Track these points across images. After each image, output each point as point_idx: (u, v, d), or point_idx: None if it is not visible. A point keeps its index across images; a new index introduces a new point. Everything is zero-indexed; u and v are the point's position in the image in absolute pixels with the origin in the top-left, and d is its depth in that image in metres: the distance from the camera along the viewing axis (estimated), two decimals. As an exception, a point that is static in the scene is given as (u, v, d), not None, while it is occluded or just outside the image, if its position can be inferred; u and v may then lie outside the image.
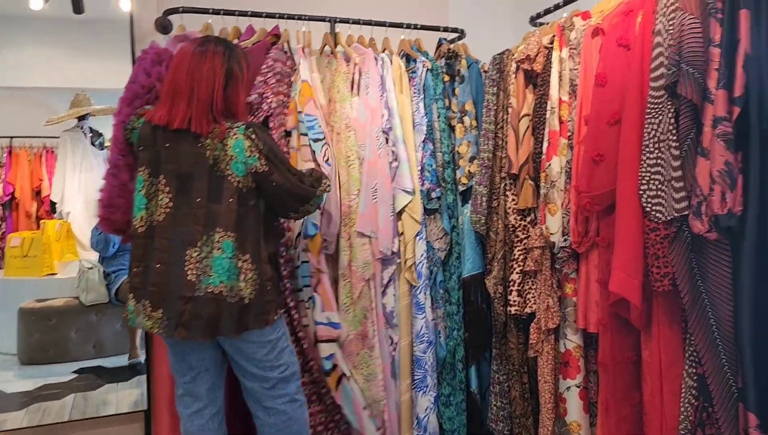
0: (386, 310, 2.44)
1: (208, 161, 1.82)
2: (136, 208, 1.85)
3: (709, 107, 1.59)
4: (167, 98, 1.84)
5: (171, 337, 1.78)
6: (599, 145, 1.92)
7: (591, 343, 2.11)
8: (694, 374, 1.71)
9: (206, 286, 1.76)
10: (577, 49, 2.11)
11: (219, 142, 1.81)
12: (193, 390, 1.94)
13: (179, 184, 1.82)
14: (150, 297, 1.78)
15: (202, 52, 1.85)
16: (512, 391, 2.41)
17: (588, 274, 2.05)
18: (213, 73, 1.83)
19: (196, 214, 1.80)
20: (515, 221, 2.33)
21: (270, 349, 1.92)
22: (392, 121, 2.44)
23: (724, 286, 1.64)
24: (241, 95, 1.92)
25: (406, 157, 2.43)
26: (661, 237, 1.73)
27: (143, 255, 1.82)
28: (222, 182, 1.82)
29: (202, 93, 1.81)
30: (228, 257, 1.79)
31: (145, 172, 1.85)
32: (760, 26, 1.58)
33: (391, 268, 2.44)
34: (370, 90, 2.43)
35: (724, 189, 1.56)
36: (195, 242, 1.79)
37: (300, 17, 2.51)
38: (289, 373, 1.98)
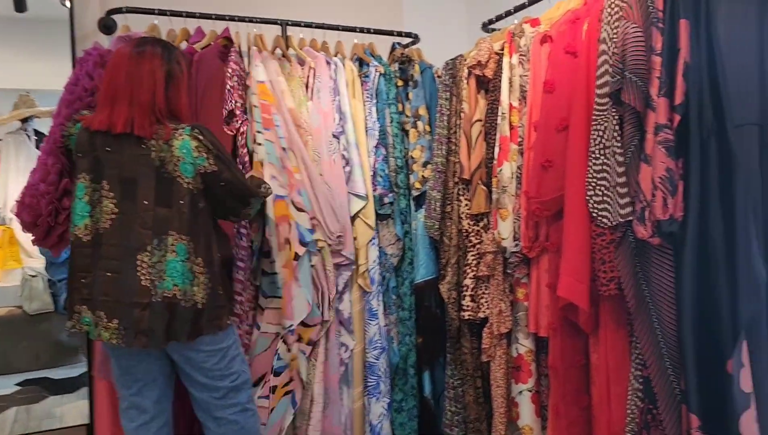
0: (343, 316, 2.41)
1: (153, 163, 1.77)
2: (78, 217, 1.78)
3: (652, 114, 1.61)
4: (107, 101, 1.78)
5: (130, 346, 1.74)
6: (548, 151, 1.93)
7: (542, 347, 2.12)
8: (640, 377, 1.74)
9: (161, 291, 1.73)
10: (526, 56, 2.13)
11: (164, 144, 1.77)
12: (139, 403, 1.88)
13: (123, 188, 1.77)
14: (102, 307, 1.73)
15: (139, 54, 1.80)
16: (466, 396, 2.41)
17: (539, 279, 2.06)
18: (152, 74, 1.78)
19: (144, 219, 1.76)
20: (468, 226, 2.34)
21: (221, 357, 1.87)
22: (345, 125, 2.43)
23: (667, 291, 1.67)
24: (182, 97, 1.87)
25: (358, 162, 2.42)
26: (607, 242, 1.75)
27: (91, 264, 1.76)
28: (171, 184, 1.78)
29: (142, 95, 1.76)
30: (182, 260, 1.75)
31: (86, 178, 1.79)
32: (698, 36, 1.61)
33: (347, 274, 2.42)
34: (322, 94, 2.41)
35: (666, 195, 1.59)
36: (145, 247, 1.74)
37: (251, 20, 2.47)
38: (240, 382, 1.93)
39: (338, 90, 2.45)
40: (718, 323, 1.59)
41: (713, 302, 1.60)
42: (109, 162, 1.78)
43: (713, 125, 1.60)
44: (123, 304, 1.72)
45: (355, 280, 2.47)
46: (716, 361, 1.59)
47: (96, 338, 1.76)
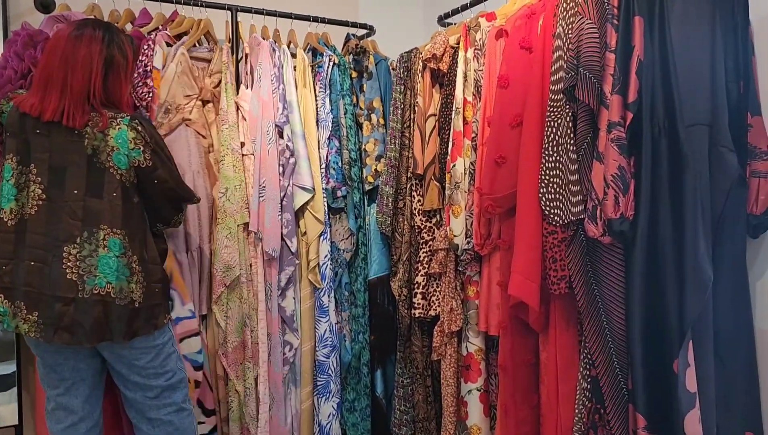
0: (286, 313, 2.34)
1: (86, 151, 1.68)
2: (4, 199, 1.68)
3: (605, 112, 1.60)
4: (39, 86, 1.68)
5: (50, 341, 1.64)
6: (501, 147, 1.90)
7: (492, 346, 2.10)
8: (588, 376, 1.73)
9: (91, 287, 1.64)
10: (482, 50, 2.09)
11: (99, 133, 1.68)
12: (66, 403, 1.78)
13: (52, 175, 1.67)
14: (24, 298, 1.63)
15: (77, 37, 1.68)
16: (416, 395, 2.38)
17: (490, 277, 2.04)
18: (90, 60, 1.67)
19: (72, 208, 1.66)
20: (421, 222, 2.29)
21: (155, 354, 1.79)
22: (291, 115, 2.34)
23: (616, 290, 1.66)
24: (123, 85, 1.77)
25: (305, 154, 2.34)
26: (558, 240, 1.73)
27: (14, 251, 1.66)
28: (103, 175, 1.69)
29: (76, 82, 1.66)
30: (116, 256, 1.67)
31: (14, 160, 1.68)
32: (652, 34, 1.61)
33: (289, 270, 2.33)
34: (263, 82, 2.31)
35: (618, 193, 1.57)
36: (73, 238, 1.65)
37: (200, 3, 2.36)
38: (175, 380, 1.85)
39: (283, 78, 2.37)
40: (665, 323, 1.59)
41: (661, 302, 1.60)
42: (38, 145, 1.67)
43: (665, 124, 1.60)
44: (45, 296, 1.63)
45: (305, 275, 2.40)
46: (663, 360, 1.59)
47: (12, 330, 1.66)
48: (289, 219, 2.32)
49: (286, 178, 2.31)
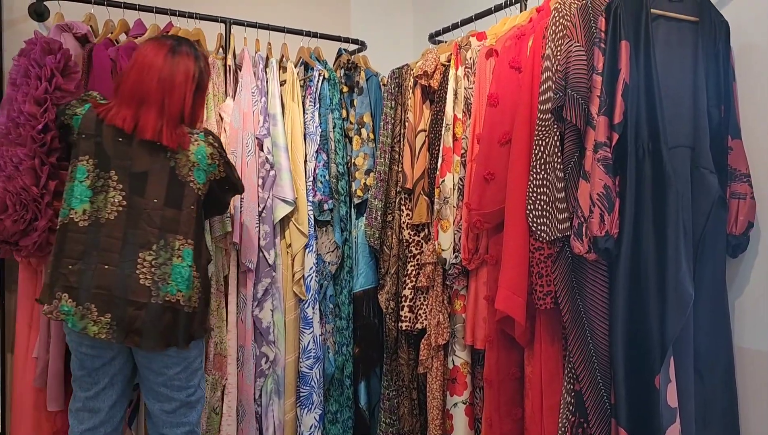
0: (262, 325, 2.33)
1: (168, 164, 1.77)
2: (76, 200, 1.71)
3: (591, 132, 1.64)
4: (132, 101, 1.74)
5: (121, 343, 1.69)
6: (490, 164, 1.94)
7: (478, 360, 2.12)
8: (572, 390, 1.76)
9: (164, 294, 1.71)
10: (472, 69, 2.14)
11: (182, 148, 1.78)
12: (93, 406, 1.79)
13: (133, 182, 1.74)
14: (95, 300, 1.67)
15: (173, 56, 1.79)
16: (401, 408, 2.39)
17: (477, 291, 2.07)
18: (185, 82, 1.79)
19: (151, 216, 1.74)
20: (409, 236, 2.32)
21: (185, 366, 1.81)
22: (273, 128, 2.36)
23: (600, 306, 1.70)
24: (204, 103, 1.93)
25: (287, 166, 2.35)
26: (545, 256, 1.77)
27: (83, 252, 1.69)
28: (183, 188, 1.78)
29: (174, 104, 1.78)
30: (188, 266, 1.76)
31: (90, 162, 1.74)
32: (638, 58, 1.66)
33: (266, 281, 2.33)
34: (243, 94, 2.32)
35: (603, 211, 1.62)
36: (149, 245, 1.72)
37: (194, 15, 2.39)
38: (195, 399, 1.87)
39: (266, 91, 2.39)
40: (647, 339, 1.63)
41: (643, 318, 1.64)
42: (119, 153, 1.74)
43: (649, 145, 1.65)
44: (117, 299, 1.68)
45: (290, 287, 2.41)
46: (645, 375, 1.63)
47: (79, 330, 1.67)
48: (268, 231, 2.32)
49: (265, 191, 2.32)
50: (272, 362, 2.36)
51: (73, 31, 2.09)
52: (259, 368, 2.34)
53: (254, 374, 2.32)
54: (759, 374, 1.75)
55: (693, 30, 1.76)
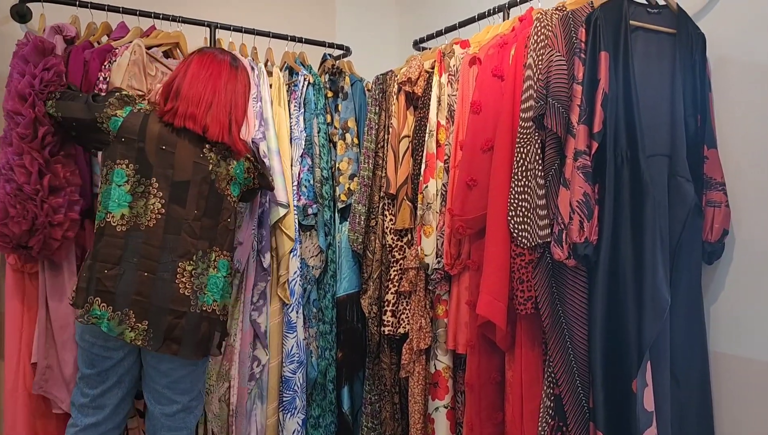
0: (260, 329, 2.34)
1: (210, 176, 1.80)
2: (114, 204, 1.72)
3: (572, 140, 1.67)
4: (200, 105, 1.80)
5: (157, 350, 1.70)
6: (473, 171, 1.97)
7: (460, 364, 2.14)
8: (552, 394, 1.78)
9: (201, 304, 1.76)
10: (455, 76, 2.16)
11: (222, 160, 1.83)
12: (100, 402, 1.80)
13: (174, 192, 1.76)
14: (134, 306, 1.68)
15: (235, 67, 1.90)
16: (383, 412, 2.40)
17: (459, 296, 2.09)
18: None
19: (192, 227, 1.76)
20: (392, 241, 2.34)
21: (191, 370, 1.83)
22: (267, 132, 2.37)
23: (579, 311, 1.73)
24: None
25: (280, 170, 2.36)
26: (525, 262, 1.79)
27: (120, 257, 1.69)
28: (222, 201, 1.83)
29: (239, 112, 1.87)
30: (223, 276, 1.82)
31: (130, 167, 1.75)
32: (617, 68, 1.70)
33: (262, 285, 2.34)
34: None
35: (583, 218, 1.65)
36: (190, 256, 1.74)
37: (177, 19, 2.38)
38: (195, 404, 1.89)
39: (260, 96, 2.40)
40: (625, 344, 1.66)
41: (621, 323, 1.67)
42: (162, 161, 1.76)
43: (627, 154, 1.68)
44: (155, 308, 1.69)
45: (275, 291, 2.41)
46: (622, 380, 1.66)
47: (116, 335, 1.68)
48: (264, 234, 2.33)
49: (264, 194, 2.33)
50: (263, 365, 2.37)
51: (63, 34, 2.08)
52: (251, 371, 2.35)
53: (248, 377, 2.34)
54: (733, 378, 1.79)
55: (671, 42, 1.80)
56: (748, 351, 1.76)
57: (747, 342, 1.76)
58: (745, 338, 1.77)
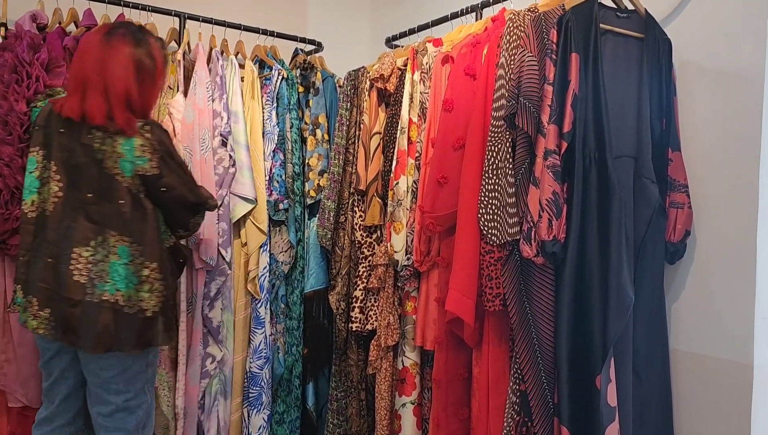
0: (212, 324, 2.30)
1: (96, 156, 1.68)
2: (27, 191, 1.69)
3: (542, 140, 1.70)
4: (77, 89, 1.69)
5: (56, 340, 1.65)
6: (444, 168, 1.98)
7: (427, 361, 2.15)
8: (518, 390, 1.81)
9: (101, 293, 1.64)
10: (428, 74, 2.17)
11: (109, 138, 1.67)
12: (48, 395, 1.78)
13: (69, 175, 1.69)
14: (38, 293, 1.63)
15: (109, 40, 1.71)
16: (349, 408, 2.40)
17: (428, 293, 2.10)
18: (125, 66, 1.69)
19: (88, 211, 1.67)
20: (361, 238, 2.33)
21: (121, 370, 1.71)
22: (235, 125, 2.33)
23: (546, 308, 1.75)
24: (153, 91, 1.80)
25: (248, 164, 2.33)
26: (494, 259, 1.81)
27: (32, 243, 1.67)
28: (111, 181, 1.69)
29: (116, 85, 1.67)
30: (125, 264, 1.67)
31: (39, 153, 1.71)
32: (587, 70, 1.73)
33: (220, 280, 2.30)
34: (198, 90, 2.28)
35: (551, 217, 1.67)
36: (87, 241, 1.65)
37: (147, 8, 2.34)
38: (135, 404, 1.76)
39: (225, 87, 2.36)
40: (590, 341, 1.69)
41: (587, 321, 1.70)
42: (60, 144, 1.69)
43: (595, 155, 1.71)
44: (56, 295, 1.63)
45: (243, 286, 2.39)
46: (587, 376, 1.69)
47: (21, 323, 1.65)
48: (225, 229, 2.29)
49: (223, 188, 2.29)
50: (219, 362, 2.33)
51: (37, 22, 2.04)
52: (204, 369, 2.30)
53: (200, 375, 2.29)
54: (692, 375, 1.84)
55: (638, 46, 1.84)
56: (706, 349, 1.81)
57: (706, 340, 1.81)
58: (704, 336, 1.82)
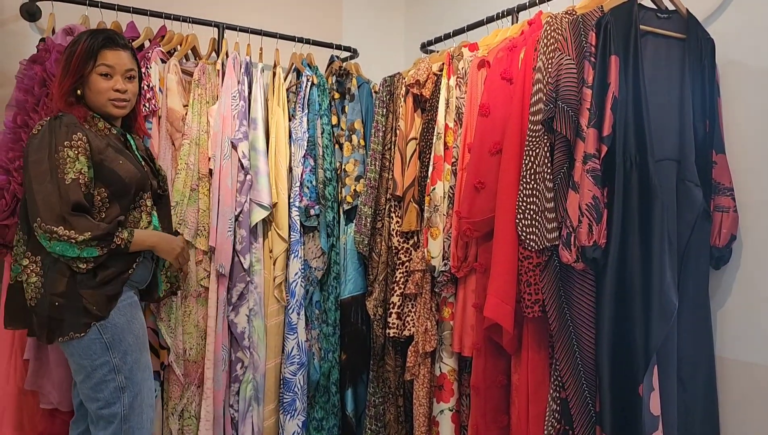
0: (237, 330, 2.31)
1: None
2: None
3: (581, 144, 1.68)
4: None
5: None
6: (481, 173, 1.97)
7: (465, 367, 2.14)
8: (558, 398, 1.78)
9: (15, 274, 1.71)
10: (464, 79, 2.17)
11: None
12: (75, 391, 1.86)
13: None
14: None
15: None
16: (387, 414, 2.40)
17: (465, 299, 2.09)
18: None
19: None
20: (398, 243, 2.34)
21: (85, 375, 1.69)
22: (254, 132, 2.36)
23: (587, 315, 1.73)
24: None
25: (266, 171, 2.35)
26: (533, 265, 1.79)
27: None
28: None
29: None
30: (19, 252, 1.71)
31: None
32: (627, 72, 1.70)
33: (240, 286, 2.31)
34: (223, 98, 2.32)
35: (591, 222, 1.65)
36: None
37: (188, 20, 2.39)
38: (109, 413, 1.69)
39: (246, 95, 2.38)
40: (632, 348, 1.66)
41: (629, 327, 1.67)
42: None
43: (636, 158, 1.68)
44: None
45: (272, 292, 2.41)
46: (629, 384, 1.66)
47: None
48: (244, 235, 2.30)
49: (243, 195, 2.30)
50: (247, 367, 2.34)
51: (73, 34, 2.10)
52: (234, 374, 2.33)
53: (227, 379, 2.31)
54: (739, 384, 1.79)
55: (680, 47, 1.81)
56: (753, 356, 1.76)
57: (753, 347, 1.76)
58: (750, 343, 1.77)
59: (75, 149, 1.63)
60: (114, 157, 1.71)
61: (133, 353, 1.74)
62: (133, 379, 1.73)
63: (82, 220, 1.61)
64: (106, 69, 1.72)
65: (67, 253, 1.60)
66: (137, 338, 1.76)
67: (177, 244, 1.85)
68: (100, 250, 1.63)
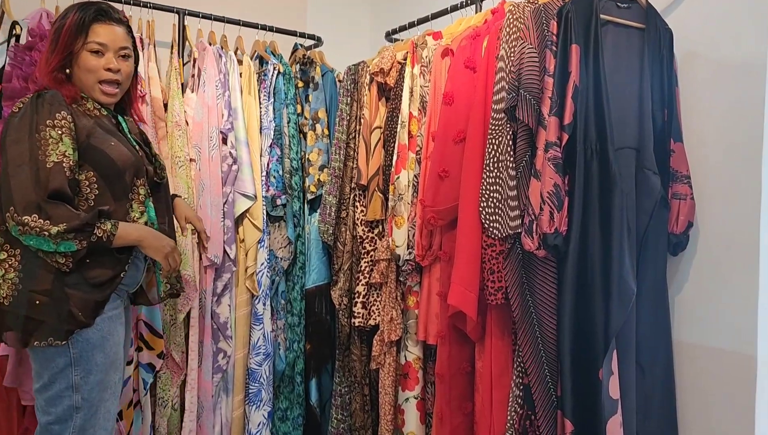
0: (219, 320, 2.31)
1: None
2: None
3: (542, 132, 1.69)
4: None
5: None
6: (445, 162, 1.97)
7: (430, 355, 2.15)
8: (521, 384, 1.80)
9: None
10: (428, 67, 2.16)
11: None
12: None
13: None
14: None
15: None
16: (353, 404, 2.40)
17: (430, 287, 2.09)
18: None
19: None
20: (363, 233, 2.33)
21: (41, 385, 1.53)
22: (235, 122, 2.34)
23: (549, 301, 1.75)
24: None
25: (248, 161, 2.33)
26: (496, 253, 1.80)
27: None
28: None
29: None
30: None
31: None
32: (587, 62, 1.71)
33: (226, 277, 2.31)
34: (207, 87, 2.30)
35: (553, 209, 1.66)
36: None
37: (148, 5, 2.33)
38: (57, 430, 1.52)
39: (228, 84, 2.36)
40: (592, 333, 1.68)
41: (589, 313, 1.69)
42: None
43: (596, 146, 1.70)
44: None
45: (242, 282, 2.39)
46: (589, 368, 1.69)
47: None
48: (230, 226, 2.30)
49: (228, 185, 2.30)
50: (230, 357, 2.34)
51: (50, 19, 2.08)
52: (217, 364, 2.31)
53: (212, 370, 2.30)
54: (696, 367, 1.84)
55: (639, 36, 1.83)
56: (710, 340, 1.81)
57: (710, 331, 1.81)
58: (707, 327, 1.81)
59: (59, 129, 1.46)
60: (104, 137, 1.55)
61: (98, 374, 1.55)
62: (90, 401, 1.54)
63: (60, 209, 1.43)
64: (97, 46, 1.56)
65: (43, 247, 1.44)
66: (107, 357, 1.57)
67: (167, 243, 1.64)
68: (79, 243, 1.45)
